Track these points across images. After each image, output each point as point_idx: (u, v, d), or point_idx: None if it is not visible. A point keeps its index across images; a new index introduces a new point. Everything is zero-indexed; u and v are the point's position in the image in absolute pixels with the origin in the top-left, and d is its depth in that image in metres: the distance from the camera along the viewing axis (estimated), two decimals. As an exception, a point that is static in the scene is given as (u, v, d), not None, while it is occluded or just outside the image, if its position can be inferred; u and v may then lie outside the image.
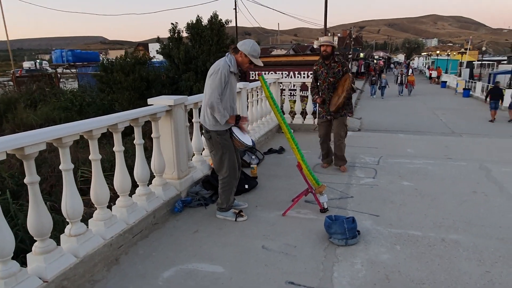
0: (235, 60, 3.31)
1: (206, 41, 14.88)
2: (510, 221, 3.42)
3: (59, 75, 22.45)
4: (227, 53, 3.37)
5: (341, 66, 4.78)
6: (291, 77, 10.47)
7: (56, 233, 2.94)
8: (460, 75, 34.53)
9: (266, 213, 3.66)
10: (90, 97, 14.96)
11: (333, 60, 4.80)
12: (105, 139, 8.59)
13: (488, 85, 21.86)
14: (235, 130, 3.49)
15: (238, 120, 3.41)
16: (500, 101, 15.98)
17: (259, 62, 3.36)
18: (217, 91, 3.18)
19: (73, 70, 22.47)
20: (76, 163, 7.66)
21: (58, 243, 2.58)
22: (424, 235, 3.16)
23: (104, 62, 15.27)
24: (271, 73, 8.30)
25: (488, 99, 15.88)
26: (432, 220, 3.45)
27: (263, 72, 5.21)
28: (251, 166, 4.78)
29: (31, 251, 2.43)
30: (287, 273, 2.66)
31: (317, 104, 5.12)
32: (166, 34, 16.59)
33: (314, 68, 4.98)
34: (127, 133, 3.71)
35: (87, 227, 2.77)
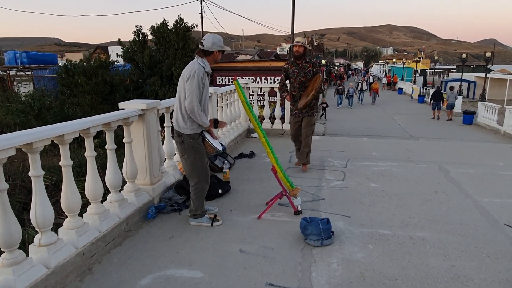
0: (207, 61, 3.33)
1: (171, 45, 14.65)
2: (469, 218, 3.68)
3: (12, 78, 21.15)
4: (196, 57, 3.36)
5: (311, 66, 4.96)
6: (258, 83, 10.58)
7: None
8: (415, 82, 36.52)
9: (242, 217, 3.67)
10: (48, 101, 14.22)
11: (305, 60, 4.96)
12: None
13: (441, 92, 23.44)
14: (207, 135, 3.48)
15: (216, 124, 3.42)
16: (442, 102, 18.93)
17: (226, 47, 3.50)
18: (196, 95, 3.17)
19: (27, 73, 21.23)
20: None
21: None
22: (393, 234, 3.32)
23: (67, 64, 14.60)
24: (239, 78, 8.35)
25: (431, 101, 19.03)
26: (400, 219, 3.63)
27: (238, 78, 5.25)
28: (224, 170, 4.78)
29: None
30: (266, 275, 2.69)
31: (289, 102, 5.32)
32: (127, 37, 16.19)
33: (285, 66, 5.08)
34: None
35: (58, 236, 2.66)
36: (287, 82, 5.21)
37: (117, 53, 17.37)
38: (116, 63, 15.88)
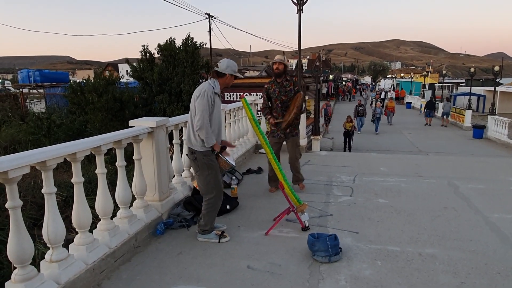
0: (218, 82, 3.44)
1: (180, 63, 14.93)
2: (479, 234, 3.63)
3: (25, 96, 21.68)
4: (209, 78, 3.48)
5: (292, 85, 4.84)
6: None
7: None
8: (423, 97, 36.40)
9: (249, 233, 3.68)
10: (59, 119, 14.51)
11: (285, 78, 4.84)
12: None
13: (434, 102, 24.34)
14: None
15: (224, 149, 3.46)
16: (434, 111, 22.69)
17: (239, 74, 3.65)
18: (206, 112, 3.26)
19: (40, 90, 21.77)
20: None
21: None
22: (402, 250, 3.30)
23: (72, 83, 14.95)
24: (246, 95, 8.46)
25: (425, 110, 22.52)
26: (408, 235, 3.61)
27: (246, 94, 5.30)
28: (232, 186, 4.81)
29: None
30: (274, 292, 2.68)
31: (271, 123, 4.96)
32: (136, 55, 16.58)
33: (266, 86, 4.94)
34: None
35: (68, 252, 2.70)
36: (269, 103, 4.98)
37: (126, 71, 17.80)
38: (120, 80, 16.19)
